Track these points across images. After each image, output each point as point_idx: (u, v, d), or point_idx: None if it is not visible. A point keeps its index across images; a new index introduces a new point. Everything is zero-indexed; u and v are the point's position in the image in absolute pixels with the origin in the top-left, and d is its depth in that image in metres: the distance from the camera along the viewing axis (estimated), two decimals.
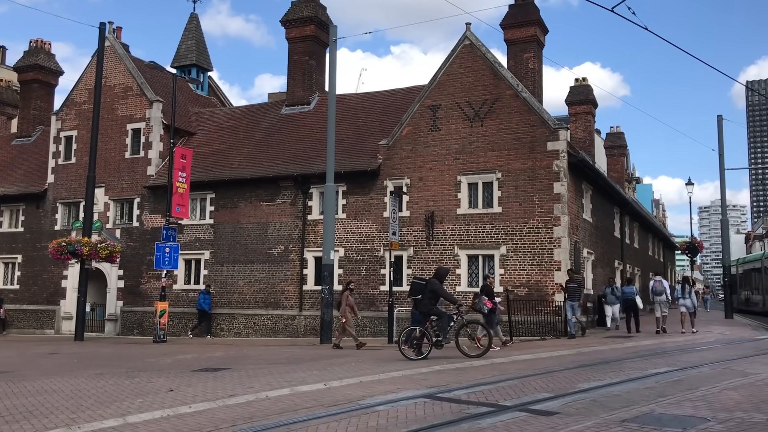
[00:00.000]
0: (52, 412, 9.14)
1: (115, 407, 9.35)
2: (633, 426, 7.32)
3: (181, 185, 24.21)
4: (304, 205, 25.81)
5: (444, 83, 24.10)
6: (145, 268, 28.28)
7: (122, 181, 29.57)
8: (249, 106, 33.02)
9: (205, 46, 36.97)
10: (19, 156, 34.70)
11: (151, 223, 28.59)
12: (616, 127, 49.19)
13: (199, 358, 16.10)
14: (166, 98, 29.02)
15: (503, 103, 23.10)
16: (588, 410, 8.44)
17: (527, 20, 25.23)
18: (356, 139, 26.46)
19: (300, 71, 29.68)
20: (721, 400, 8.81)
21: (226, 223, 27.25)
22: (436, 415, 8.46)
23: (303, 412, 8.72)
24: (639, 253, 37.77)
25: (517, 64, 25.07)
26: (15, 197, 32.17)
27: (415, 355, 14.09)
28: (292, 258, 25.79)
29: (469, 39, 24.00)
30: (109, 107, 29.65)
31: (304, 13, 29.49)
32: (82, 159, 29.50)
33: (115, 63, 30.57)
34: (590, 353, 15.47)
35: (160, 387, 10.93)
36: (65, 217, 31.05)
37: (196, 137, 30.52)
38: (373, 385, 10.84)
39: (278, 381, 11.34)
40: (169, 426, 8.30)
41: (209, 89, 36.84)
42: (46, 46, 36.26)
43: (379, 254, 24.22)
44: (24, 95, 36.22)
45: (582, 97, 34.95)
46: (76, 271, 26.78)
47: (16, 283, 31.63)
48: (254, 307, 26.27)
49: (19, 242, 31.94)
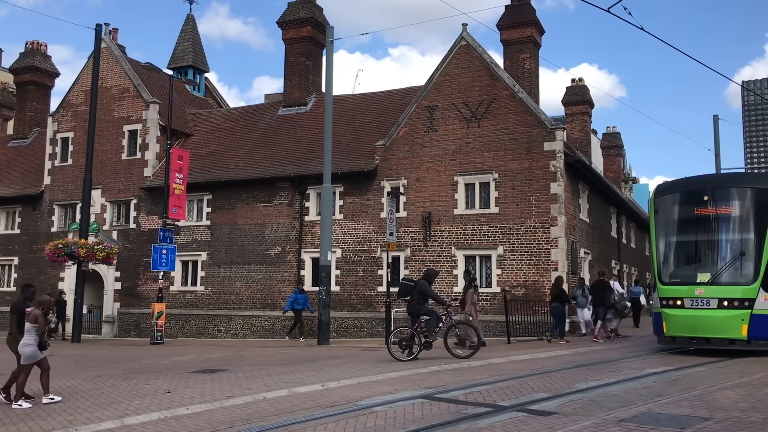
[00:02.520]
0: (50, 414, 9.12)
1: (113, 409, 9.33)
2: (631, 426, 7.33)
3: (178, 187, 24.18)
4: (301, 206, 25.80)
5: (441, 84, 24.11)
6: (142, 269, 28.24)
7: (119, 183, 29.53)
8: (246, 108, 33.00)
9: (202, 47, 36.93)
10: (15, 158, 34.63)
11: (148, 224, 28.55)
12: (613, 128, 49.22)
13: (197, 360, 16.08)
14: (162, 100, 29.00)
15: (500, 104, 23.12)
16: (585, 410, 8.44)
17: (523, 21, 25.26)
18: (353, 140, 26.46)
19: (297, 72, 29.68)
20: (718, 399, 8.83)
21: (223, 225, 27.23)
22: (434, 415, 8.46)
23: (301, 413, 8.72)
24: (636, 252, 37.83)
25: (513, 65, 25.11)
26: (11, 199, 32.10)
27: (406, 356, 14.10)
28: (290, 259, 25.77)
29: (465, 39, 24.02)
30: (105, 109, 29.61)
31: (301, 15, 29.49)
32: (79, 161, 29.44)
33: (112, 64, 30.53)
34: (587, 353, 15.50)
35: (157, 389, 10.92)
36: (62, 219, 30.99)
37: (193, 138, 30.49)
38: (370, 386, 10.84)
39: (276, 382, 11.33)
40: (166, 428, 8.29)
41: (206, 90, 36.80)
42: (42, 48, 36.17)
43: (376, 255, 24.21)
44: (20, 97, 36.14)
45: (578, 97, 34.97)
46: (72, 273, 26.72)
47: (13, 286, 31.53)
48: (251, 308, 26.24)
49: (15, 244, 31.87)
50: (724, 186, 14.76)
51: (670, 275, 14.54)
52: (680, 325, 13.98)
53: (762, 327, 13.11)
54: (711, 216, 14.11)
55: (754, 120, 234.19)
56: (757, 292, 13.18)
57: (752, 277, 13.32)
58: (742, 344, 13.24)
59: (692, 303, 13.77)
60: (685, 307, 13.86)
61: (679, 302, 13.95)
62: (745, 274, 13.46)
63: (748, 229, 13.75)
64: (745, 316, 13.14)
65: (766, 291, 13.21)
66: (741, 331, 13.11)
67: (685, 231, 14.60)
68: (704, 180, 15.42)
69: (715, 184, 14.99)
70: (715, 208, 14.07)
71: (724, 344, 13.44)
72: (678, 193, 14.98)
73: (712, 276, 13.69)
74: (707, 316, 13.54)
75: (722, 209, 14.07)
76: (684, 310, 13.88)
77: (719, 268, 13.75)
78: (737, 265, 13.63)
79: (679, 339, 14.20)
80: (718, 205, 14.09)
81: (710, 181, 15.38)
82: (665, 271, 14.62)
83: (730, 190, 14.36)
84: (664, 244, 14.76)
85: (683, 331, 13.99)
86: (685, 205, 14.69)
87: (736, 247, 13.76)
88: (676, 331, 14.10)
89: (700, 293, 13.67)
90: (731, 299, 13.34)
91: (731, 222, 14.08)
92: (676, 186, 15.38)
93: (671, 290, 14.22)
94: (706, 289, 13.65)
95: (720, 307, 13.41)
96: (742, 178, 16.65)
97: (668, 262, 14.72)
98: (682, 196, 14.86)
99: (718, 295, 13.49)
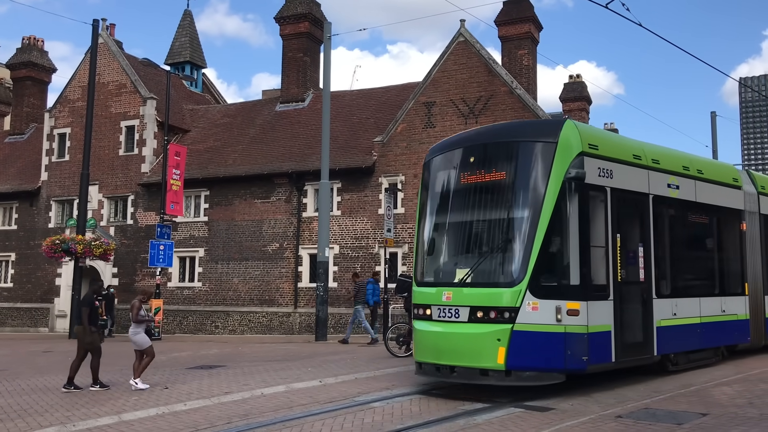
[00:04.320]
0: (47, 410, 9.11)
1: (110, 405, 9.33)
2: (628, 422, 7.35)
3: (176, 183, 24.14)
4: (299, 202, 25.78)
5: (439, 80, 24.08)
6: (140, 265, 28.20)
7: (116, 179, 29.47)
8: (243, 103, 32.92)
9: (199, 43, 36.81)
10: (12, 153, 34.53)
11: (146, 220, 28.50)
12: (610, 124, 49.21)
13: (194, 356, 16.07)
14: (160, 95, 28.91)
15: (498, 100, 23.11)
16: (583, 406, 8.46)
17: (522, 17, 25.25)
18: (351, 136, 26.43)
19: (294, 68, 29.62)
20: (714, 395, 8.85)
21: (220, 221, 27.19)
22: (431, 411, 8.48)
23: (298, 409, 8.73)
24: None
25: (511, 61, 25.08)
26: (8, 195, 32.00)
27: (403, 352, 14.10)
28: (287, 255, 25.76)
29: (463, 36, 23.99)
30: (102, 104, 29.51)
31: (299, 10, 29.43)
32: (76, 156, 29.36)
33: (109, 60, 30.44)
34: None
35: (155, 384, 10.92)
36: (59, 215, 30.92)
37: (191, 134, 30.43)
38: (368, 382, 10.85)
39: (273, 378, 11.34)
40: (164, 423, 8.29)
41: (203, 86, 36.70)
42: (39, 43, 36.02)
43: (374, 251, 24.21)
44: (17, 92, 35.99)
45: (576, 93, 35.00)
46: (70, 268, 26.65)
47: (10, 281, 31.48)
48: (249, 304, 26.23)
49: (12, 240, 31.79)
50: (493, 141, 10.17)
51: (425, 272, 10.28)
52: (426, 346, 9.70)
53: (528, 350, 8.73)
54: (477, 185, 9.76)
55: (751, 117, 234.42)
56: (521, 297, 8.76)
57: (517, 274, 8.92)
58: (498, 377, 8.87)
59: (440, 313, 9.47)
60: (432, 318, 9.59)
61: (428, 311, 9.69)
62: (508, 270, 9.10)
63: (518, 204, 9.37)
64: (502, 334, 8.74)
65: (537, 296, 8.77)
66: (496, 357, 8.74)
67: (445, 208, 10.26)
68: (476, 134, 10.75)
69: (487, 137, 10.39)
70: (482, 173, 9.69)
71: (473, 377, 9.08)
72: (444, 154, 10.50)
73: (466, 274, 9.34)
74: (453, 333, 9.24)
75: (490, 175, 9.62)
76: (430, 323, 9.62)
77: (475, 262, 9.38)
78: (498, 257, 9.30)
79: (425, 367, 9.71)
80: (486, 169, 9.69)
81: (482, 134, 10.63)
82: (421, 266, 10.35)
83: (499, 146, 9.93)
84: (426, 226, 10.40)
85: (428, 355, 9.60)
86: (449, 170, 10.28)
87: (503, 231, 9.41)
88: (423, 355, 9.73)
89: (448, 299, 9.38)
90: (486, 308, 8.99)
91: (499, 193, 9.63)
92: (447, 144, 10.78)
93: (421, 294, 10.00)
94: (455, 293, 9.34)
95: (472, 319, 9.09)
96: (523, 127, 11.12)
97: (425, 254, 10.40)
98: (448, 158, 10.37)
99: (469, 302, 9.15)
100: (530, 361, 8.77)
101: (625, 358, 9.53)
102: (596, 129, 11.14)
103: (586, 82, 35.79)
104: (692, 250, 12.03)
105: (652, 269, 10.30)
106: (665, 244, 10.77)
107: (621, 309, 9.51)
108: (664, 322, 10.37)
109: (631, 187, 10.19)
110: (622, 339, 9.46)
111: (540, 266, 8.84)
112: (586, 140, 9.48)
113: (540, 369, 8.83)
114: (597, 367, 9.17)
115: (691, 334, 11.05)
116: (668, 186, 11.02)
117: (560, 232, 9.03)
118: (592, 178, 9.39)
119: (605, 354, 9.21)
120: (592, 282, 9.16)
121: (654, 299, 10.24)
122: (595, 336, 9.01)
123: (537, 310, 8.75)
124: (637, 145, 10.90)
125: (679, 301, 10.85)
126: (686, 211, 11.57)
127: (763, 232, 13.69)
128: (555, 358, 8.78)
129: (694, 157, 12.73)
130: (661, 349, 10.24)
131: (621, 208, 9.92)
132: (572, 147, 9.28)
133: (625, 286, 9.75)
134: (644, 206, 10.43)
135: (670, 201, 11.03)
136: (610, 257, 9.44)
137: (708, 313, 11.53)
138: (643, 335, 10.01)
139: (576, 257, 9.00)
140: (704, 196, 11.88)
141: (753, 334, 12.85)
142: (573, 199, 9.10)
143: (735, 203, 12.88)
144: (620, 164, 10.02)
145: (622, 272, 9.66)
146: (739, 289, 12.68)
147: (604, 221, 9.51)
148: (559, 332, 8.75)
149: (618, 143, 10.70)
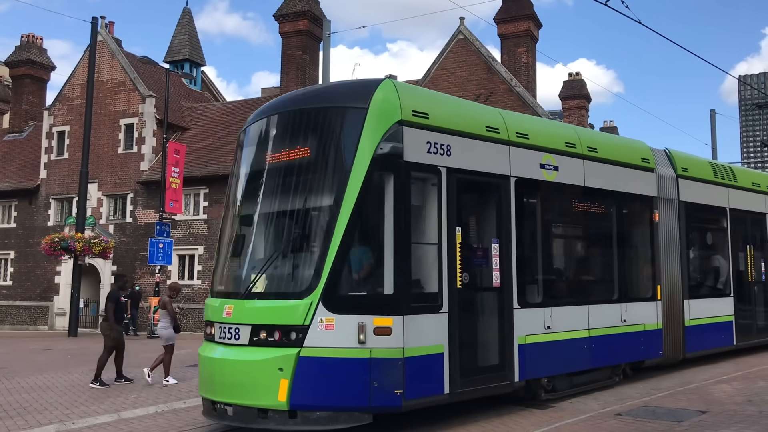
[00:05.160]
0: (46, 408, 9.11)
1: (110, 403, 9.33)
2: (627, 419, 7.35)
3: (175, 180, 24.12)
4: None
5: (438, 77, 24.08)
6: (139, 263, 28.19)
7: (115, 177, 29.45)
8: (242, 101, 32.88)
9: (198, 41, 36.79)
10: (11, 151, 34.49)
11: (145, 218, 28.49)
12: (610, 122, 49.32)
13: (194, 354, 16.04)
14: (159, 93, 28.88)
15: (497, 98, 23.10)
16: (582, 404, 8.47)
17: (521, 15, 25.25)
18: None
19: (293, 66, 29.58)
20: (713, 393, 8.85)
21: (219, 219, 27.14)
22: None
23: None
24: None
25: (510, 59, 25.08)
26: (7, 193, 31.98)
27: None
28: None
29: (462, 33, 23.99)
30: (101, 102, 29.49)
31: (298, 8, 29.39)
32: (75, 154, 29.34)
33: (108, 58, 30.40)
34: None
35: (154, 382, 10.92)
36: (58, 213, 30.91)
37: (190, 132, 30.41)
38: None
39: None
40: (163, 421, 8.29)
41: (202, 84, 36.69)
42: (38, 41, 35.98)
43: None
44: (15, 90, 35.97)
45: (576, 91, 34.97)
46: (69, 266, 26.64)
47: (9, 279, 31.48)
48: None
49: (11, 238, 31.77)
50: (298, 107, 8.00)
51: (215, 279, 8.28)
52: (202, 376, 7.69)
53: (319, 383, 6.74)
54: (279, 166, 7.67)
55: (750, 114, 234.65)
56: (311, 312, 6.74)
57: (309, 282, 6.89)
58: (280, 420, 6.74)
59: (221, 333, 7.43)
60: (214, 339, 7.56)
61: (212, 330, 7.64)
62: (299, 277, 7.15)
63: (320, 190, 7.38)
64: (285, 362, 6.70)
65: (332, 310, 6.78)
66: (277, 392, 6.66)
67: (245, 196, 8.29)
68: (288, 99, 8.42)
69: (294, 103, 8.17)
70: (287, 150, 7.65)
71: (251, 419, 6.92)
72: (253, 125, 8.35)
73: (252, 281, 7.35)
74: (229, 360, 7.18)
75: (294, 152, 7.57)
76: (211, 345, 7.60)
77: (263, 267, 7.36)
78: (290, 260, 7.33)
79: (204, 404, 7.60)
80: (290, 146, 7.66)
81: (292, 99, 8.31)
82: (214, 270, 8.38)
83: (303, 114, 7.82)
84: (227, 220, 8.48)
85: (203, 387, 7.59)
86: (254, 146, 8.23)
87: (300, 226, 7.34)
88: (201, 388, 7.69)
89: (228, 314, 7.34)
90: (270, 327, 6.93)
91: (302, 176, 7.46)
92: (259, 111, 8.44)
93: (207, 308, 7.94)
94: (236, 306, 7.33)
95: (254, 341, 7.01)
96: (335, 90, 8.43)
97: (218, 255, 8.45)
98: (255, 130, 8.27)
99: (251, 319, 7.12)
100: (321, 397, 6.70)
101: (468, 387, 7.47)
102: (430, 92, 8.85)
103: (586, 80, 35.77)
104: (578, 248, 10.09)
105: (513, 272, 8.14)
106: (536, 240, 8.82)
107: (461, 323, 7.43)
108: (531, 339, 8.23)
109: (480, 167, 8.06)
110: (464, 363, 7.42)
111: (338, 271, 6.80)
112: (408, 106, 7.39)
113: (335, 408, 6.72)
114: (421, 402, 7.11)
115: (575, 352, 8.96)
116: (542, 167, 8.86)
117: (368, 227, 7.14)
118: (417, 155, 7.32)
119: (434, 384, 7.15)
120: (415, 290, 7.23)
121: (515, 309, 8.11)
122: (416, 361, 6.96)
123: (332, 329, 6.70)
124: (493, 116, 8.64)
125: (555, 311, 8.68)
126: (570, 198, 9.44)
127: (684, 223, 11.35)
128: (355, 393, 6.71)
129: (587, 131, 10.83)
130: (528, 372, 8.13)
131: (465, 195, 7.87)
132: (387, 114, 7.23)
133: (470, 294, 7.74)
134: (503, 192, 8.26)
135: (544, 185, 8.89)
136: (445, 257, 7.40)
137: (601, 324, 9.37)
138: (498, 356, 7.92)
139: (390, 258, 6.94)
140: (597, 180, 9.67)
141: (667, 347, 10.48)
142: (387, 182, 7.06)
143: (644, 189, 10.61)
144: (464, 138, 7.88)
145: (464, 276, 7.56)
146: (649, 293, 10.40)
147: (437, 211, 7.44)
148: (361, 358, 6.71)
149: (462, 111, 8.39)
